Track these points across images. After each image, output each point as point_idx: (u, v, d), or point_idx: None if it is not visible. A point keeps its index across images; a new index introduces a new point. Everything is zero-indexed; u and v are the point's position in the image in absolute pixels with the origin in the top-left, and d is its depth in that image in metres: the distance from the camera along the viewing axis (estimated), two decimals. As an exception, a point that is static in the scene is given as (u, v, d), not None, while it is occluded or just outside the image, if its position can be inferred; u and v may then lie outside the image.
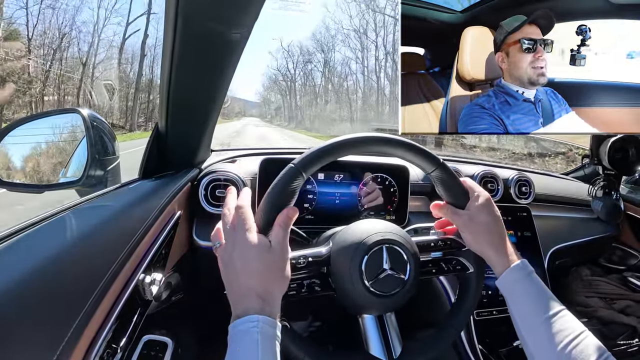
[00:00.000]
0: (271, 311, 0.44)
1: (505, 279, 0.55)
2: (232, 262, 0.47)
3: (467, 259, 0.61)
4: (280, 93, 44.41)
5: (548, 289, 0.54)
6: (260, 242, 0.47)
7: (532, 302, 0.52)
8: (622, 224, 1.19)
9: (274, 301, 0.46)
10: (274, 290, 0.46)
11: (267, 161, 0.81)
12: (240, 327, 0.42)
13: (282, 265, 0.48)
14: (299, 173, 0.50)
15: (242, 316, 0.43)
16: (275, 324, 0.44)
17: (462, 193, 0.59)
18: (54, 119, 0.78)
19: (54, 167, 0.82)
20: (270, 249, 0.47)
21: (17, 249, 0.46)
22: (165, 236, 0.61)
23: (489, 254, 0.57)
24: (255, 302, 0.44)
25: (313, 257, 0.55)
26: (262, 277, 0.46)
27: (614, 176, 1.12)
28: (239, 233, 0.48)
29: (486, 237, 0.57)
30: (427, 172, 0.58)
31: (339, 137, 0.53)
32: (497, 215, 0.58)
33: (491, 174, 0.99)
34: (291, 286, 0.51)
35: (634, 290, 1.09)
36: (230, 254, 0.47)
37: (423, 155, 0.56)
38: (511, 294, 0.54)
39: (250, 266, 0.46)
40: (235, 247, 0.47)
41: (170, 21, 0.50)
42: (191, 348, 0.78)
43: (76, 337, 0.37)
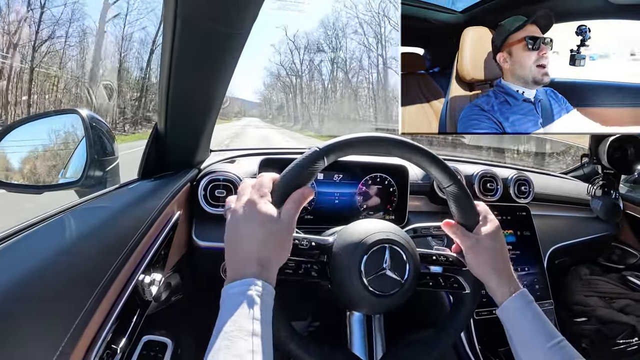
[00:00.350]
0: (268, 277, 0.44)
1: (506, 308, 0.55)
2: (238, 225, 0.46)
3: (465, 280, 0.60)
4: (284, 90, 40.19)
5: (547, 318, 0.54)
6: (269, 211, 0.46)
7: (533, 331, 0.53)
8: (621, 223, 1.19)
9: (271, 269, 0.45)
10: (273, 258, 0.46)
11: (267, 161, 0.81)
12: (235, 289, 0.42)
13: (285, 237, 0.47)
14: (321, 157, 0.50)
15: (238, 279, 0.42)
16: (271, 290, 0.44)
17: (473, 213, 0.59)
18: (53, 120, 0.78)
19: (53, 167, 0.82)
20: (277, 220, 0.47)
21: (17, 250, 0.46)
22: (165, 237, 0.61)
23: (490, 281, 0.57)
24: (253, 268, 0.44)
25: (317, 242, 0.55)
26: (264, 244, 0.45)
27: (613, 175, 1.12)
28: (251, 198, 0.47)
29: (490, 263, 0.57)
30: (442, 186, 0.58)
31: (365, 133, 0.53)
32: (503, 244, 0.59)
33: (490, 174, 0.99)
34: (289, 264, 0.51)
35: (633, 289, 1.09)
36: (237, 218, 0.47)
37: (442, 168, 0.56)
38: (512, 323, 0.55)
39: (255, 232, 0.45)
40: (244, 211, 0.47)
41: (169, 21, 0.50)
42: (191, 348, 0.78)
43: (76, 338, 0.37)
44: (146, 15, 18.39)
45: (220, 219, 0.77)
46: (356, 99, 28.41)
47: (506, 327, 0.56)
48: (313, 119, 33.86)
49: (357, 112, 28.19)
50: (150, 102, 17.22)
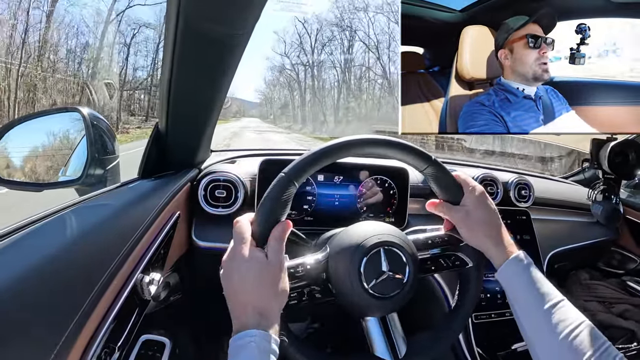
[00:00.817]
0: (268, 325, 0.44)
1: (504, 271, 0.55)
2: (231, 276, 0.47)
3: (465, 254, 0.61)
4: (289, 86, 34.47)
5: (547, 280, 0.54)
6: (255, 256, 0.47)
7: (532, 292, 0.53)
8: (622, 228, 1.19)
9: (271, 315, 0.46)
10: (271, 304, 0.46)
11: (267, 162, 0.81)
12: (238, 342, 0.43)
13: (279, 278, 0.48)
14: (290, 182, 0.50)
15: (241, 331, 0.43)
16: (272, 339, 0.44)
17: (456, 188, 0.59)
18: (54, 118, 0.78)
19: (54, 165, 0.82)
20: (266, 262, 0.47)
21: (16, 248, 0.46)
22: (164, 236, 0.61)
23: (487, 247, 0.57)
24: (252, 317, 0.44)
25: (310, 264, 0.54)
26: (259, 291, 0.46)
27: (614, 180, 1.12)
28: (235, 247, 0.48)
29: (484, 230, 0.57)
30: (420, 170, 0.58)
31: (328, 142, 0.53)
32: (492, 208, 0.59)
33: (490, 177, 0.99)
34: (291, 295, 0.51)
35: (633, 294, 1.09)
36: (229, 268, 0.48)
37: (414, 153, 0.56)
38: (511, 285, 0.55)
39: (247, 280, 0.46)
40: (232, 260, 0.47)
41: (171, 22, 0.51)
42: (189, 348, 0.78)
43: (74, 336, 0.37)
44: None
45: (220, 219, 0.77)
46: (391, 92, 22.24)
47: (505, 289, 0.56)
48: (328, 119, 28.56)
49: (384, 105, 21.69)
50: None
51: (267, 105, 43.64)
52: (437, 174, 0.58)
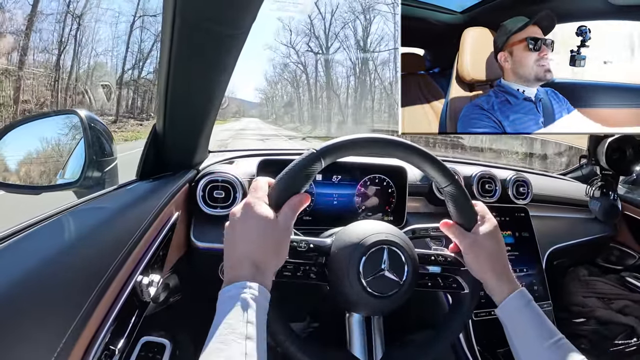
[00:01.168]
0: (263, 281, 0.44)
1: (505, 307, 0.55)
2: (235, 227, 0.47)
3: (464, 279, 0.60)
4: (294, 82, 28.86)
5: (546, 317, 0.54)
6: (266, 214, 0.47)
7: (532, 330, 0.53)
8: (620, 224, 1.19)
9: (267, 272, 0.45)
10: (268, 261, 0.46)
11: (265, 162, 0.81)
12: (230, 293, 0.42)
13: (282, 240, 0.48)
14: (318, 159, 0.50)
15: (234, 282, 0.43)
16: (266, 294, 0.44)
17: (471, 214, 0.59)
18: (52, 120, 0.78)
19: (51, 168, 0.81)
20: (274, 222, 0.47)
21: (15, 251, 0.46)
22: (163, 237, 0.61)
23: (489, 280, 0.57)
24: (248, 270, 0.44)
25: (315, 244, 0.55)
26: (260, 246, 0.45)
27: (612, 176, 1.12)
28: (247, 200, 0.48)
29: (489, 263, 0.57)
30: (440, 187, 0.58)
31: (361, 134, 0.53)
32: (502, 244, 0.59)
33: (489, 175, 1.00)
34: (287, 267, 0.51)
35: (632, 290, 1.09)
36: (235, 219, 0.47)
37: (439, 169, 0.56)
38: (512, 322, 0.55)
39: (251, 233, 0.46)
40: (241, 214, 0.47)
41: (168, 21, 0.50)
42: (189, 349, 0.78)
43: (74, 339, 0.37)
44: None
45: (219, 220, 0.77)
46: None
47: (505, 326, 0.56)
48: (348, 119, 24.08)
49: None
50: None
51: (269, 105, 38.77)
52: (456, 195, 0.58)
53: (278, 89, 34.76)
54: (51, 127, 0.79)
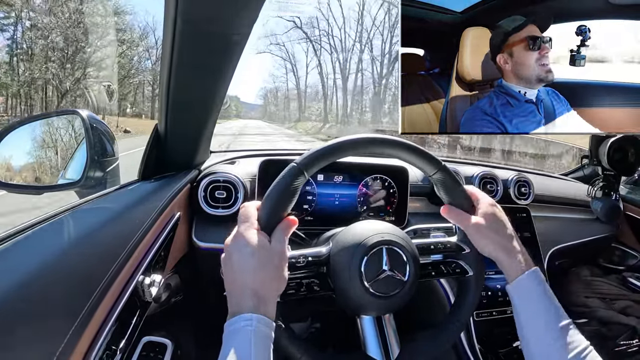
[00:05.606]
0: (266, 310, 0.44)
1: (518, 286, 0.55)
2: (231, 258, 0.47)
3: (466, 263, 0.60)
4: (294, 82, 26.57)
5: (557, 300, 0.54)
6: (258, 239, 0.47)
7: (543, 312, 0.52)
8: (622, 225, 1.19)
9: (269, 301, 0.45)
10: (269, 289, 0.46)
11: (267, 162, 0.81)
12: (234, 326, 0.42)
13: (279, 264, 0.47)
14: (300, 172, 0.50)
15: (237, 314, 0.43)
16: (270, 324, 0.44)
17: (464, 198, 0.59)
18: (54, 120, 0.79)
19: (53, 168, 0.82)
20: (269, 247, 0.47)
21: (17, 251, 0.46)
22: (165, 238, 0.61)
23: (501, 257, 0.56)
24: (249, 301, 0.44)
25: (312, 256, 0.55)
26: (258, 275, 0.45)
27: (613, 177, 1.12)
28: (239, 230, 0.48)
29: (495, 240, 0.57)
30: (428, 175, 0.58)
31: (340, 138, 0.53)
32: (504, 220, 0.59)
33: (490, 175, 0.99)
34: (290, 285, 0.51)
35: (634, 291, 1.09)
36: (230, 251, 0.47)
37: (424, 157, 0.56)
38: (522, 301, 0.54)
39: (247, 263, 0.46)
40: (235, 244, 0.47)
41: (170, 23, 0.51)
42: (190, 349, 0.78)
43: (75, 339, 0.37)
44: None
45: (220, 220, 0.77)
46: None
47: (515, 303, 0.55)
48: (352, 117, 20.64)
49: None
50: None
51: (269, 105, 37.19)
52: (446, 180, 0.58)
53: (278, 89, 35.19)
54: (53, 128, 0.79)
